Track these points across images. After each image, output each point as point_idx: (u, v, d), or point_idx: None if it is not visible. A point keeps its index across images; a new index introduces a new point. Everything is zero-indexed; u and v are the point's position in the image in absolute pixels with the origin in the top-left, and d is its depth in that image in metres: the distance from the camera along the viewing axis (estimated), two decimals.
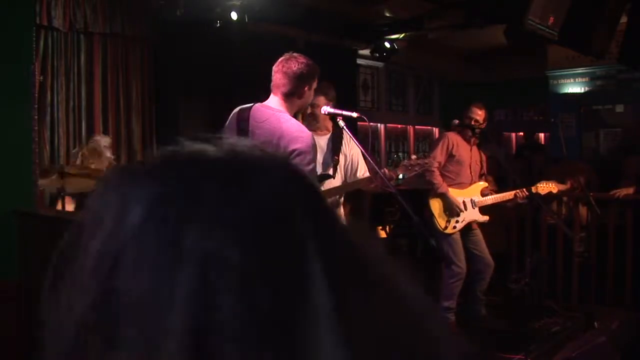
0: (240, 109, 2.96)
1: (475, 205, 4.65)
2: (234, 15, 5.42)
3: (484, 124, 4.65)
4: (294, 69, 2.89)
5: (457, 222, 4.59)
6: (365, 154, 3.44)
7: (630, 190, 5.28)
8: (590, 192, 5.24)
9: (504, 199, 4.71)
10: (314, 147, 2.82)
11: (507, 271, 5.52)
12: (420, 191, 5.67)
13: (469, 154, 4.68)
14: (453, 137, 4.67)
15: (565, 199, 5.68)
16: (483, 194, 4.71)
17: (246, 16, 5.48)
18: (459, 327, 4.65)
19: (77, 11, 4.78)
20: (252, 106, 2.95)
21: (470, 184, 4.68)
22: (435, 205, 4.59)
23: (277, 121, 2.83)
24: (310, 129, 3.82)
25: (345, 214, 4.05)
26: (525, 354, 3.96)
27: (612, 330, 4.11)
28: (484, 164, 4.83)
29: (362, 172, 3.77)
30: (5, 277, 3.08)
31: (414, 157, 3.55)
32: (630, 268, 5.24)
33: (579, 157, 7.72)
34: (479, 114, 4.62)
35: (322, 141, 3.85)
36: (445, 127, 10.15)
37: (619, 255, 5.33)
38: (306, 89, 2.93)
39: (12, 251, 3.11)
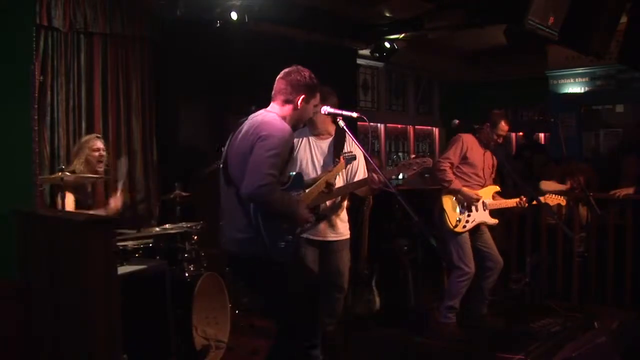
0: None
1: (486, 208, 4.66)
2: (234, 15, 5.42)
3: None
4: (292, 76, 2.94)
5: (467, 222, 4.59)
6: (365, 154, 3.45)
7: (630, 190, 5.28)
8: (590, 192, 5.24)
9: (509, 206, 4.72)
10: (286, 141, 2.77)
11: (507, 271, 5.52)
12: (420, 191, 5.67)
13: (482, 157, 4.68)
14: (468, 140, 4.66)
15: (565, 199, 5.68)
16: (494, 198, 4.71)
17: (246, 16, 5.48)
18: (459, 327, 4.66)
19: (77, 11, 4.77)
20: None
21: (483, 186, 4.69)
22: (448, 202, 4.60)
23: (261, 115, 2.93)
24: (312, 133, 3.84)
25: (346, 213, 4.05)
26: (525, 354, 3.96)
27: (612, 330, 4.11)
28: (494, 168, 4.83)
29: (361, 174, 3.77)
30: (5, 277, 3.08)
31: (412, 156, 3.56)
32: (630, 268, 5.24)
33: (579, 157, 7.72)
34: (505, 130, 4.65)
35: (324, 145, 3.86)
36: (446, 127, 10.19)
37: (619, 255, 5.32)
38: (302, 99, 2.93)
39: (12, 251, 3.11)
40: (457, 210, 4.59)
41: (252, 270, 2.90)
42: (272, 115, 2.91)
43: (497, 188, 4.77)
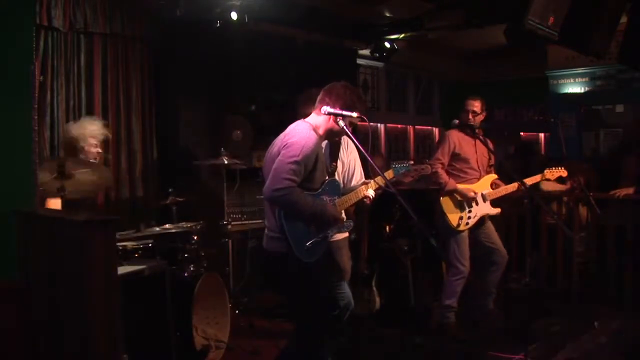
0: None
1: (486, 199, 4.67)
2: (234, 15, 5.42)
3: (483, 114, 4.69)
4: (334, 90, 3.09)
5: (469, 218, 4.60)
6: (366, 154, 3.44)
7: (630, 190, 5.28)
8: (590, 192, 5.24)
9: (509, 192, 4.70)
10: (309, 149, 2.91)
11: (507, 271, 5.52)
12: (420, 191, 5.66)
13: (473, 148, 4.69)
14: (455, 136, 4.68)
15: (565, 199, 5.68)
16: (492, 186, 4.71)
17: (246, 16, 5.48)
18: (459, 327, 4.66)
19: (77, 11, 4.77)
20: None
21: (479, 178, 4.69)
22: (446, 203, 4.61)
23: (295, 124, 3.10)
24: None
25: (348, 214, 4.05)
26: (525, 354, 3.96)
27: (612, 330, 4.12)
28: (492, 155, 4.79)
29: (358, 178, 3.77)
30: (5, 277, 3.08)
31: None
32: (630, 268, 5.24)
33: (579, 157, 7.72)
34: (475, 105, 4.65)
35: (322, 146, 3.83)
36: (445, 127, 10.17)
37: (619, 255, 5.32)
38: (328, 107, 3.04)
39: (12, 251, 3.11)
40: (457, 209, 4.60)
41: (278, 267, 3.05)
42: (304, 125, 3.07)
43: (495, 176, 4.75)
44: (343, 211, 3.85)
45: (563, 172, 4.81)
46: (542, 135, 9.74)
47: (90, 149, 4.12)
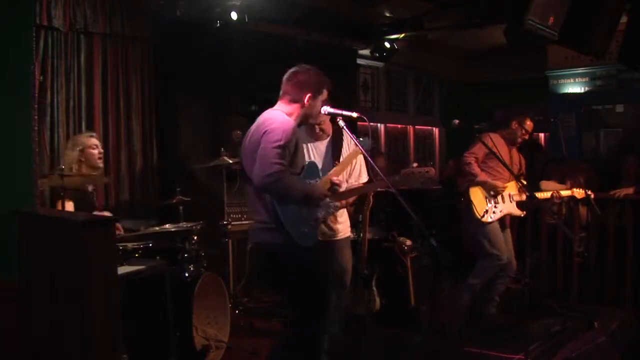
0: None
1: (513, 200, 4.74)
2: (234, 15, 5.42)
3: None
4: (297, 77, 3.03)
5: (494, 212, 4.66)
6: (366, 154, 3.43)
7: (630, 190, 5.28)
8: (590, 192, 5.23)
9: (542, 198, 4.77)
10: (289, 133, 2.86)
11: None
12: (421, 191, 5.66)
13: (507, 155, 4.78)
14: (494, 138, 4.73)
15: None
16: (521, 192, 4.76)
17: (246, 16, 5.48)
18: (459, 327, 4.66)
19: (77, 11, 4.77)
20: None
21: (509, 180, 4.75)
22: (475, 194, 4.67)
23: (266, 113, 3.03)
24: (309, 138, 3.82)
25: (348, 214, 4.05)
26: (525, 354, 3.96)
27: (612, 330, 4.11)
28: (523, 167, 4.93)
29: (362, 175, 3.76)
30: (5, 277, 3.08)
31: (415, 165, 3.54)
32: (630, 268, 5.23)
33: (579, 157, 7.72)
34: (531, 127, 4.85)
35: (322, 146, 3.82)
36: (446, 127, 10.18)
37: (619, 255, 5.32)
38: (308, 97, 3.02)
39: (12, 251, 3.11)
40: (484, 200, 4.66)
41: (273, 258, 2.99)
42: (277, 112, 3.01)
43: (524, 183, 4.78)
44: (345, 210, 3.86)
45: (592, 194, 4.95)
46: (542, 135, 9.74)
47: (92, 151, 4.15)
